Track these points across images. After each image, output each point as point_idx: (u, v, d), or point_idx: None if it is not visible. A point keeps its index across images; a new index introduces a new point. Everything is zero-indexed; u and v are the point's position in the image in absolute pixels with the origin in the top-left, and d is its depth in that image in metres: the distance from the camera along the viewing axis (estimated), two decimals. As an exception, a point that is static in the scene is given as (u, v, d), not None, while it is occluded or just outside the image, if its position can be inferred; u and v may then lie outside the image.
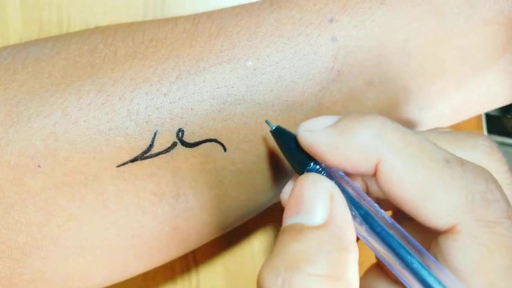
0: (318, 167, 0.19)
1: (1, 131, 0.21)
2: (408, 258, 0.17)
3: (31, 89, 0.22)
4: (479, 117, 0.37)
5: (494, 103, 0.29)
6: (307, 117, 0.23)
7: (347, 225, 0.17)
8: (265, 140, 0.24)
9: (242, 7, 0.25)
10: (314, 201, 0.18)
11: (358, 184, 0.22)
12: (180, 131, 0.22)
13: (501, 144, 0.56)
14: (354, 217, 0.18)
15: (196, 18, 0.24)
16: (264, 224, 0.34)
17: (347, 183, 0.19)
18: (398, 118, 0.26)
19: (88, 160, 0.22)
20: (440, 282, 0.16)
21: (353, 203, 0.18)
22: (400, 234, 0.17)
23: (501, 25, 0.26)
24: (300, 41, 0.23)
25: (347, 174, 0.19)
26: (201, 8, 0.33)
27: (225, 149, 0.23)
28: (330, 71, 0.24)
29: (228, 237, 0.34)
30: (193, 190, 0.23)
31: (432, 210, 0.16)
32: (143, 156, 0.22)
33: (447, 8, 0.24)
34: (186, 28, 0.24)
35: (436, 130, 0.21)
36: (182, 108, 0.22)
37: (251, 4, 0.25)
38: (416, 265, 0.16)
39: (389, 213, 0.20)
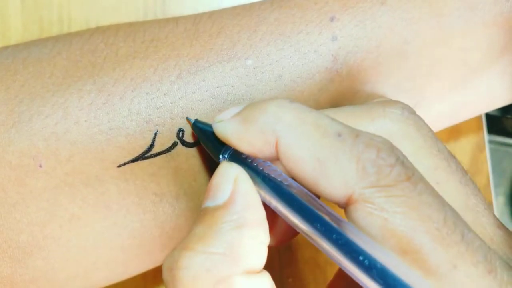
0: (226, 155, 0.20)
1: (3, 131, 0.21)
2: (317, 224, 0.17)
3: (33, 89, 0.22)
4: (479, 117, 0.37)
5: (493, 104, 0.29)
6: None
7: (249, 203, 0.18)
8: None
9: (243, 7, 0.25)
10: (219, 185, 0.18)
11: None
12: (181, 130, 0.22)
13: (501, 144, 0.56)
14: (268, 196, 0.18)
15: (197, 18, 0.24)
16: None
17: (266, 166, 0.19)
18: None
19: (89, 160, 0.22)
20: (357, 246, 0.16)
21: (270, 184, 0.18)
22: (320, 208, 0.17)
23: (500, 27, 0.26)
24: (300, 39, 0.23)
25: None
26: (201, 8, 0.33)
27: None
28: (329, 71, 0.24)
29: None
30: (193, 189, 0.23)
31: (327, 184, 0.17)
32: (144, 156, 0.22)
33: (446, 9, 0.24)
34: (186, 28, 0.24)
35: (353, 105, 0.21)
36: (183, 108, 0.22)
37: (252, 4, 0.25)
38: (335, 235, 0.16)
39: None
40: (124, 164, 0.22)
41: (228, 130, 0.19)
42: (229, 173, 0.18)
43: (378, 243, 0.16)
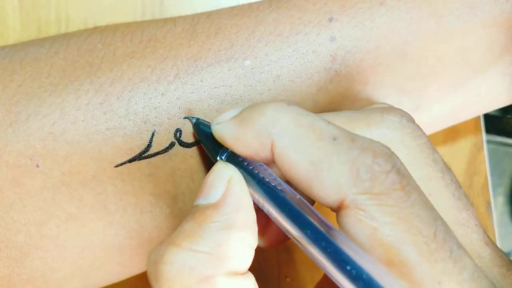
0: (223, 156, 0.20)
1: (0, 131, 0.21)
2: (308, 230, 0.17)
3: (30, 89, 0.22)
4: (477, 117, 0.37)
5: (493, 104, 0.29)
6: None
7: (241, 205, 0.18)
8: None
9: (241, 7, 0.25)
10: (212, 184, 0.18)
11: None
12: (178, 131, 0.22)
13: (501, 144, 0.56)
14: (262, 200, 0.18)
15: (195, 19, 0.24)
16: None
17: (262, 169, 0.19)
18: None
19: (86, 160, 0.22)
20: (345, 255, 0.16)
21: (264, 188, 0.18)
22: (312, 214, 0.17)
23: (500, 27, 0.26)
24: (298, 39, 0.23)
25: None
26: (199, 8, 0.33)
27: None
28: (328, 71, 0.24)
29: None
30: (191, 190, 0.23)
31: (320, 187, 0.16)
32: (141, 156, 0.22)
33: (446, 9, 0.24)
34: (184, 28, 0.24)
35: (351, 111, 0.21)
36: (180, 108, 0.22)
37: (250, 4, 0.25)
38: (324, 243, 0.16)
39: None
40: (121, 164, 0.22)
41: (225, 131, 0.19)
42: (224, 173, 0.18)
43: (366, 251, 0.16)
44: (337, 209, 0.17)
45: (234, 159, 0.19)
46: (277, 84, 0.23)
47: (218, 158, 0.20)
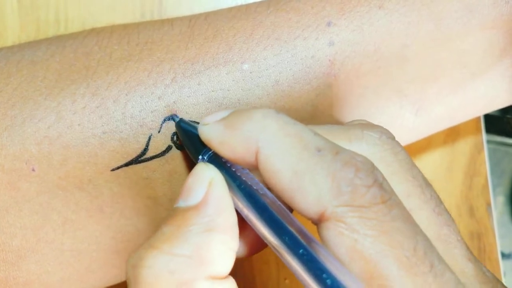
0: (205, 157, 0.20)
1: None
2: (286, 237, 0.16)
3: (25, 92, 0.22)
4: (477, 118, 0.37)
5: (492, 106, 0.29)
6: (303, 122, 0.23)
7: (221, 207, 0.18)
8: None
9: (239, 9, 0.25)
10: (193, 185, 0.18)
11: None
12: (175, 134, 0.22)
13: (501, 144, 0.56)
14: (241, 204, 0.18)
15: (192, 20, 0.24)
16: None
17: (244, 173, 0.19)
18: (391, 123, 0.26)
19: (82, 164, 0.22)
20: (322, 264, 0.16)
21: (244, 192, 0.18)
22: (291, 222, 0.17)
23: (499, 29, 0.25)
24: (297, 44, 0.23)
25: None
26: (198, 8, 0.33)
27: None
28: (327, 76, 0.23)
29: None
30: None
31: (301, 198, 0.16)
32: (138, 160, 0.22)
33: (445, 12, 0.24)
34: (182, 31, 0.24)
35: (335, 125, 0.21)
36: (177, 112, 0.22)
37: (248, 6, 0.25)
38: (302, 250, 0.16)
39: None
40: (118, 168, 0.22)
41: (212, 133, 0.19)
42: (205, 175, 0.18)
43: (346, 264, 0.16)
44: (318, 221, 0.16)
45: (216, 160, 0.19)
46: (276, 88, 0.23)
47: (199, 158, 0.20)
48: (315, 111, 0.24)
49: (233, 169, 0.19)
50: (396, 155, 0.19)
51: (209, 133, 0.19)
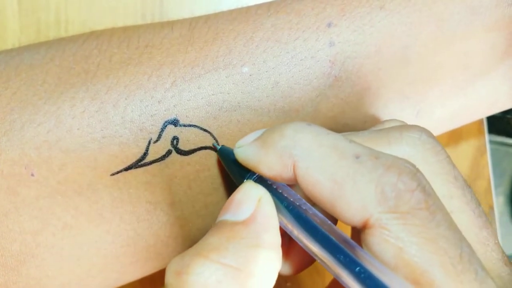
0: (253, 178, 0.20)
1: None
2: (341, 255, 0.16)
3: (24, 96, 0.21)
4: (480, 120, 0.37)
5: (494, 108, 0.29)
6: None
7: (269, 225, 0.18)
8: None
9: (239, 11, 0.24)
10: (242, 202, 0.18)
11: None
12: (175, 138, 0.22)
13: (501, 144, 0.55)
14: (290, 224, 0.18)
15: (192, 23, 0.24)
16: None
17: (286, 191, 0.19)
18: None
19: (82, 169, 0.21)
20: (380, 281, 0.16)
21: (293, 213, 0.18)
22: (337, 236, 0.17)
23: (502, 31, 0.25)
24: (297, 45, 0.23)
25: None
26: (198, 10, 0.32)
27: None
28: (327, 76, 0.23)
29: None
30: (188, 197, 0.23)
31: (345, 207, 0.16)
32: (138, 164, 0.22)
33: (447, 13, 0.24)
34: (182, 34, 0.23)
35: (369, 130, 0.21)
36: (177, 115, 0.22)
37: (248, 8, 0.25)
38: (349, 261, 0.16)
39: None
40: (118, 172, 0.22)
41: (248, 154, 0.19)
42: (254, 192, 0.18)
43: (391, 270, 0.16)
44: (362, 228, 0.16)
45: (261, 182, 0.19)
46: (276, 90, 0.23)
47: (245, 180, 0.20)
48: (315, 111, 0.24)
49: (280, 190, 0.19)
50: (438, 155, 0.19)
51: (246, 154, 0.19)
